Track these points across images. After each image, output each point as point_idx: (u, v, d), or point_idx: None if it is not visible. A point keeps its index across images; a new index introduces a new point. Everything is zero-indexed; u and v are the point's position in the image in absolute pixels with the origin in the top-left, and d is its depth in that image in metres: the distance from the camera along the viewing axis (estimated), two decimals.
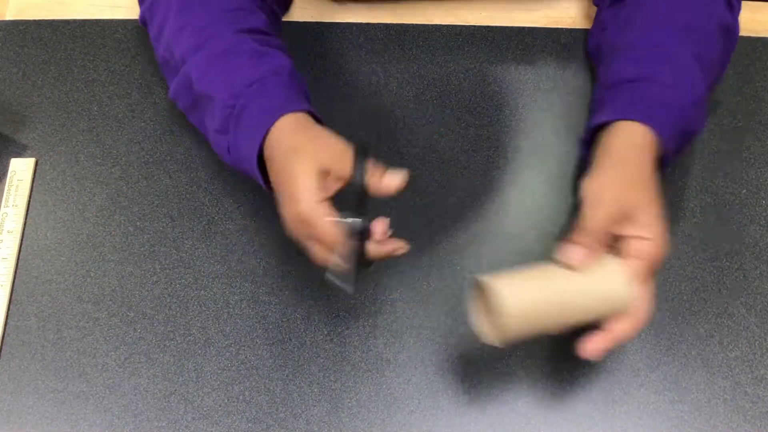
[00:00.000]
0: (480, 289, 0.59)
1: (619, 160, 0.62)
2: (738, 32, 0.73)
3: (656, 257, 0.58)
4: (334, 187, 0.60)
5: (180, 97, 0.71)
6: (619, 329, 0.58)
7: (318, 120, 0.66)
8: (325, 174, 0.59)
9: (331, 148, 0.61)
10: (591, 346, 0.58)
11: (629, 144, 0.62)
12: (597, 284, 0.57)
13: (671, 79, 0.66)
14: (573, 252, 0.57)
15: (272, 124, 0.62)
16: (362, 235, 0.59)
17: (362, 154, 0.60)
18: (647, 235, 0.58)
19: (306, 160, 0.59)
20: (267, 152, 0.63)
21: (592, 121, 0.67)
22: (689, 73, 0.66)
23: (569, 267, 0.57)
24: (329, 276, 0.60)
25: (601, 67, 0.74)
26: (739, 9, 0.74)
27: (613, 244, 0.59)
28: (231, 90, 0.65)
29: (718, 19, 0.70)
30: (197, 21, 0.69)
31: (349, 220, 0.59)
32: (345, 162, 0.60)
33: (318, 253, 0.60)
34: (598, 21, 0.79)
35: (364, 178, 0.59)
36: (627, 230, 0.58)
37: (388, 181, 0.60)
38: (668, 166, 0.67)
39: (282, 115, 0.62)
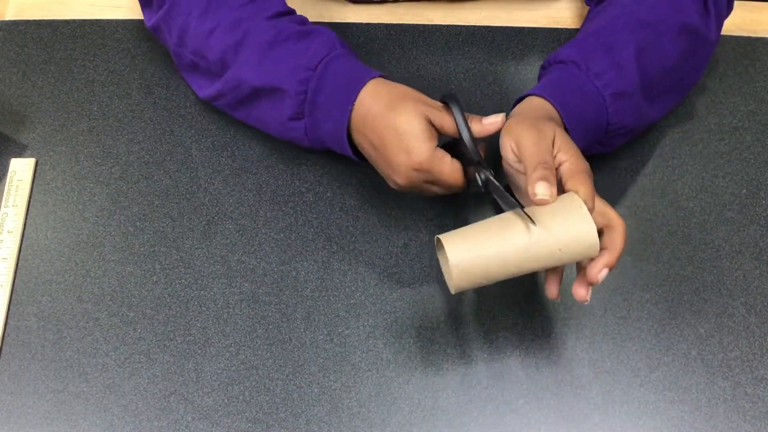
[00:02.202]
0: (440, 245, 0.61)
1: (524, 110, 0.65)
2: (711, 39, 0.73)
3: (587, 168, 0.60)
4: (436, 135, 0.65)
5: (225, 96, 0.72)
6: (611, 242, 0.59)
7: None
8: (429, 123, 0.64)
9: (425, 100, 0.65)
10: (595, 267, 0.59)
11: (540, 108, 0.65)
12: (564, 232, 0.57)
13: (599, 67, 0.66)
14: (542, 187, 0.57)
15: (353, 101, 0.65)
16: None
17: (456, 104, 0.65)
18: (569, 156, 0.60)
19: (410, 114, 0.63)
20: (356, 125, 0.66)
21: (517, 97, 0.68)
22: (622, 64, 0.67)
23: (542, 203, 0.58)
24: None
25: None
26: (717, 16, 0.73)
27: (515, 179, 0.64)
28: (296, 77, 0.67)
29: (682, 18, 0.69)
30: (224, 20, 0.69)
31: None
32: (442, 112, 0.65)
33: (439, 191, 0.67)
34: (584, 21, 0.79)
35: (466, 123, 0.64)
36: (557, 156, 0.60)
37: (491, 120, 0.65)
38: (591, 156, 0.66)
39: (359, 89, 0.65)
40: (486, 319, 0.70)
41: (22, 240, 0.73)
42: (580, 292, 0.61)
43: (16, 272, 0.72)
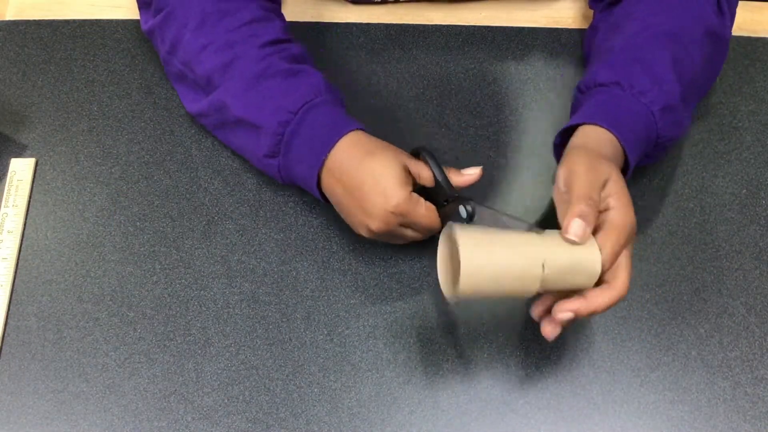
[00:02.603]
0: (450, 239, 0.59)
1: (588, 140, 0.64)
2: (728, 38, 0.73)
3: (632, 225, 0.58)
4: (412, 181, 0.66)
5: (209, 116, 0.73)
6: (593, 298, 0.58)
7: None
8: (407, 170, 0.65)
9: (403, 152, 0.66)
10: (563, 307, 0.57)
11: (595, 141, 0.64)
12: (572, 254, 0.56)
13: (642, 85, 0.66)
14: (577, 227, 0.57)
15: (327, 151, 0.65)
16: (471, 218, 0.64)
17: (429, 154, 0.66)
18: (617, 204, 0.58)
19: (389, 160, 0.64)
20: (329, 172, 0.66)
21: (565, 125, 0.67)
22: (663, 78, 0.67)
23: (571, 242, 0.57)
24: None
25: (586, 69, 0.74)
26: (731, 15, 0.73)
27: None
28: (277, 118, 0.67)
29: (704, 24, 0.70)
30: (218, 39, 0.69)
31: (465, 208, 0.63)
32: (418, 162, 0.66)
33: (413, 236, 0.67)
34: (591, 26, 0.80)
35: (442, 174, 0.66)
36: (603, 199, 0.59)
37: (469, 172, 0.67)
38: (635, 167, 0.67)
39: (336, 140, 0.65)
40: (486, 319, 0.70)
41: (22, 240, 0.73)
42: (546, 328, 0.59)
43: (16, 272, 0.72)
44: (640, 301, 0.71)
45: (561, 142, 0.68)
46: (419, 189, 0.67)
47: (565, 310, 0.57)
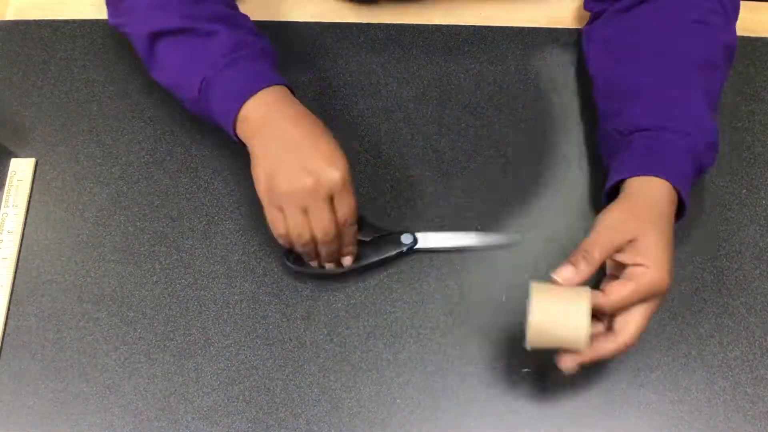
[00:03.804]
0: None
1: (632, 195, 0.63)
2: (735, 44, 0.73)
3: (653, 284, 0.59)
4: None
5: (140, 24, 0.70)
6: (597, 347, 0.60)
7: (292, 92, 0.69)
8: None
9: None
10: (567, 361, 0.60)
11: (647, 188, 0.63)
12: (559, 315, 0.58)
13: (685, 127, 0.66)
14: (564, 270, 0.59)
15: (278, 83, 0.66)
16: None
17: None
18: (643, 262, 0.59)
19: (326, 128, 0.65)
20: (262, 103, 0.65)
21: (613, 176, 0.66)
22: (701, 116, 0.67)
23: (554, 280, 0.59)
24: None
25: (611, 102, 0.72)
26: (735, 17, 0.73)
27: (616, 272, 0.62)
28: (239, 38, 0.68)
29: (722, 42, 0.70)
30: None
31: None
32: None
33: (324, 228, 0.64)
34: (590, 37, 0.78)
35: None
36: (626, 257, 0.60)
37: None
38: (687, 209, 0.66)
39: (283, 83, 0.67)
40: (486, 320, 0.70)
41: (22, 240, 0.73)
42: (566, 361, 0.61)
43: (16, 272, 0.72)
44: None
45: (611, 192, 0.67)
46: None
47: (570, 366, 0.60)
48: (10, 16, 0.85)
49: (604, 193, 0.68)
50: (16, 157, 0.77)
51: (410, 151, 0.77)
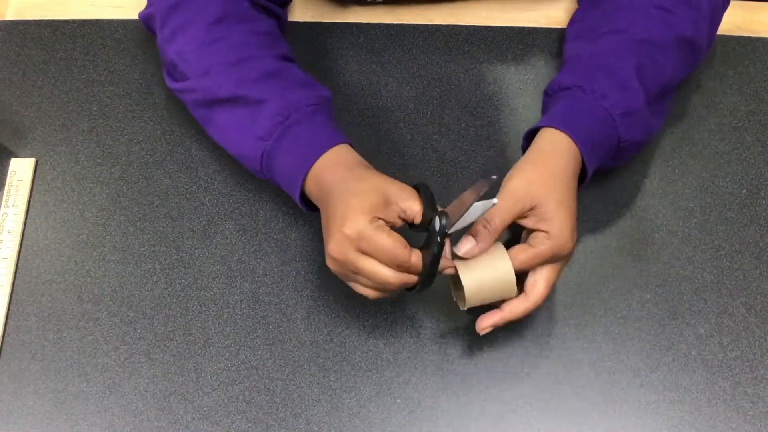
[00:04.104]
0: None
1: (534, 158, 0.65)
2: (706, 46, 0.73)
3: (554, 250, 0.61)
4: (395, 218, 0.60)
5: (195, 92, 0.70)
6: (509, 308, 0.63)
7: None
8: (387, 200, 0.60)
9: (397, 183, 0.61)
10: (483, 322, 0.64)
11: (550, 146, 0.65)
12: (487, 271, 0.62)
13: (603, 88, 0.66)
14: (464, 244, 0.61)
15: (329, 148, 0.64)
16: (441, 245, 0.59)
17: (428, 193, 0.61)
18: (545, 228, 0.61)
19: (367, 185, 0.60)
20: (318, 172, 0.63)
21: (530, 127, 0.68)
22: (625, 83, 0.67)
23: (459, 258, 0.62)
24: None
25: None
26: (709, 25, 0.73)
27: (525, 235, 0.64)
28: (286, 102, 0.66)
29: (676, 33, 0.70)
30: (233, 37, 0.69)
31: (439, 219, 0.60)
32: (411, 198, 0.60)
33: (374, 275, 0.59)
34: (572, 20, 0.79)
35: (436, 212, 0.60)
36: (529, 222, 0.62)
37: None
38: (600, 172, 0.68)
39: (338, 143, 0.65)
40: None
41: (22, 240, 0.73)
42: (483, 322, 0.64)
43: (16, 272, 0.72)
44: (640, 301, 0.71)
45: (527, 145, 0.68)
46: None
47: (486, 326, 0.64)
48: (10, 16, 0.85)
49: (521, 146, 0.69)
50: (16, 157, 0.77)
51: (410, 151, 0.77)
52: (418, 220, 0.60)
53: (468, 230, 0.62)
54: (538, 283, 0.63)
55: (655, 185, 0.75)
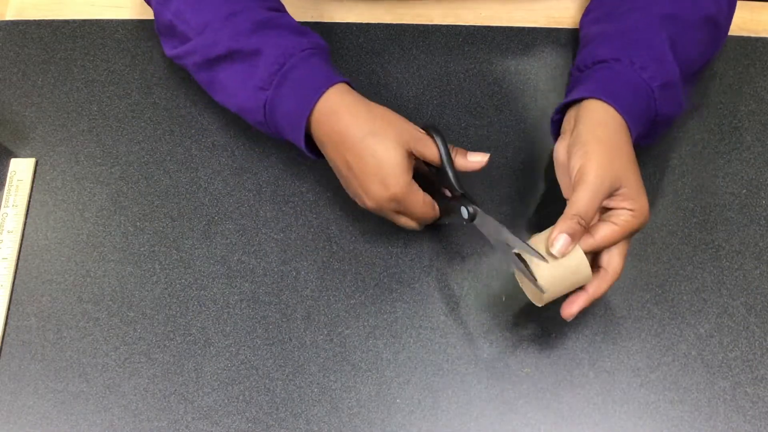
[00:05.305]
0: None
1: (599, 136, 0.63)
2: (726, 27, 0.73)
3: (639, 225, 0.62)
4: (414, 165, 0.66)
5: (194, 54, 0.70)
6: (594, 288, 0.62)
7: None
8: (409, 154, 0.65)
9: (409, 131, 0.65)
10: (571, 308, 0.62)
11: (608, 120, 0.64)
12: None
13: (641, 61, 0.66)
14: (561, 241, 0.59)
15: (328, 88, 0.65)
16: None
17: (439, 135, 0.66)
18: (630, 207, 0.61)
19: (391, 145, 0.64)
20: (325, 112, 0.65)
21: (565, 100, 0.67)
22: (661, 56, 0.67)
23: (552, 256, 0.60)
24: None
25: (579, 53, 0.74)
26: (728, 4, 0.73)
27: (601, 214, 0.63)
28: (281, 50, 0.66)
29: (703, 11, 0.70)
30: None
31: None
32: (425, 139, 0.65)
33: (407, 223, 0.67)
34: (587, 9, 0.79)
35: (449, 156, 0.66)
36: (613, 202, 0.62)
37: (476, 159, 0.67)
38: (640, 145, 0.67)
39: (335, 83, 0.65)
40: (486, 319, 0.70)
41: (22, 240, 0.73)
42: (570, 308, 0.63)
43: (16, 272, 0.72)
44: (640, 301, 0.71)
45: (560, 119, 0.68)
46: (418, 176, 0.67)
47: (575, 311, 0.62)
48: (10, 16, 0.85)
49: (551, 119, 0.69)
50: (16, 157, 0.77)
51: None
52: (435, 162, 0.66)
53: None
54: (615, 257, 0.62)
55: (655, 185, 0.75)
